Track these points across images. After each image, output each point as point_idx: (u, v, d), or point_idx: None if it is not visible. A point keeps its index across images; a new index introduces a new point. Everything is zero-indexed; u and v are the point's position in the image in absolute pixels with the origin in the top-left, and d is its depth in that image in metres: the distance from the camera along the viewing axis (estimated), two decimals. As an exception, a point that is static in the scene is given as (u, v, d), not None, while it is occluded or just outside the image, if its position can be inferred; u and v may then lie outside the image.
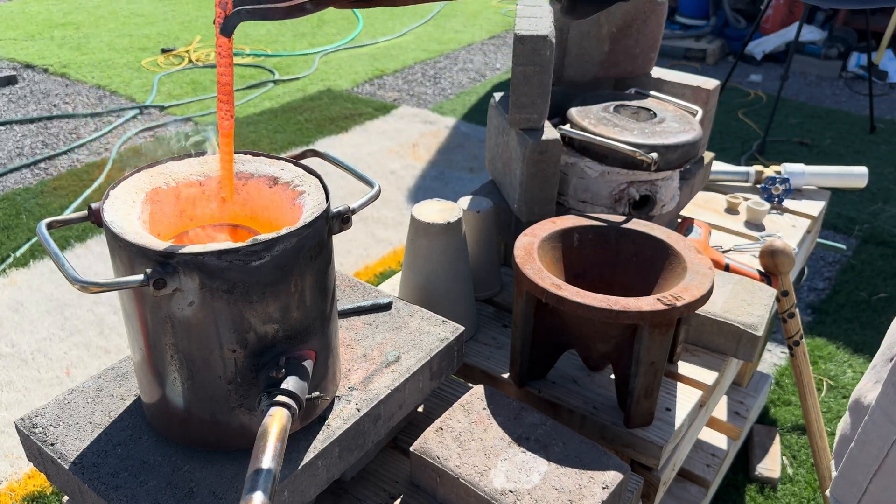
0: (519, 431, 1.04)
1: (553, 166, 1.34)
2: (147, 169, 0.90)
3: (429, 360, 1.03)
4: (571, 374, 1.22)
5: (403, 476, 1.11)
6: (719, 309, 1.29)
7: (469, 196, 1.38)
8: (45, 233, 0.79)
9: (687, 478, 1.68)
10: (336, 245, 0.94)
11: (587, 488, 0.95)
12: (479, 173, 3.52)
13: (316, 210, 0.83)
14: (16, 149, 3.70)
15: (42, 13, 6.01)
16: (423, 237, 1.22)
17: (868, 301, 2.65)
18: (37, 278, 2.66)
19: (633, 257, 1.18)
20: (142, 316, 0.81)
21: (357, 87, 4.65)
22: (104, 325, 2.42)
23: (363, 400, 0.95)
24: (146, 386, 0.88)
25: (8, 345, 2.34)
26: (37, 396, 2.14)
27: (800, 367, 1.67)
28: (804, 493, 1.89)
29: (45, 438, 0.90)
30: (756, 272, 1.48)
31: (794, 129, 4.06)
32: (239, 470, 0.86)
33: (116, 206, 0.82)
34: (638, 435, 1.11)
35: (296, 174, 0.91)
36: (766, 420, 2.13)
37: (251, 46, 5.28)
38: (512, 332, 1.18)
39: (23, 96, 4.35)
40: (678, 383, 1.22)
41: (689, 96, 1.61)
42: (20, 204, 3.16)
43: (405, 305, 1.14)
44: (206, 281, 0.75)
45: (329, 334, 0.90)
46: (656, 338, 1.03)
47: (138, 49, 5.18)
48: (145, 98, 4.32)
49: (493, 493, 0.94)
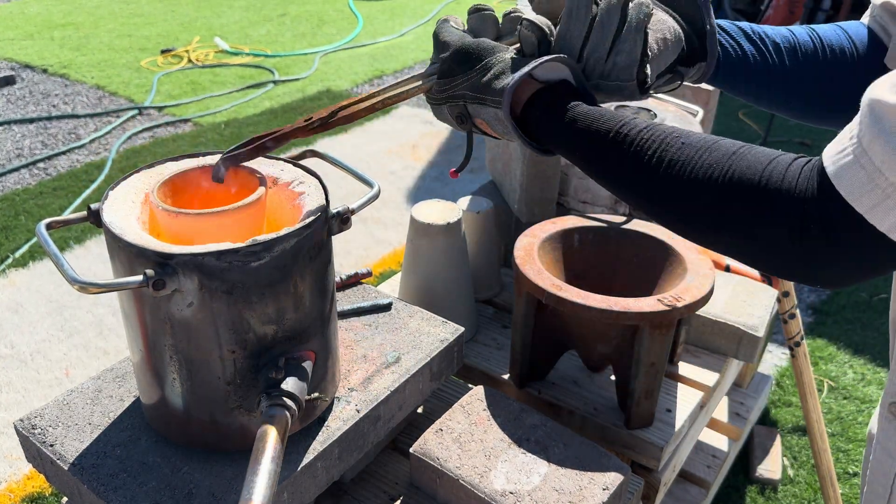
0: (519, 433, 1.03)
1: (553, 167, 1.34)
2: (147, 169, 0.90)
3: (429, 361, 1.03)
4: (572, 375, 1.22)
5: (403, 477, 1.10)
6: (720, 310, 1.28)
7: (469, 197, 1.37)
8: (45, 233, 0.79)
9: (687, 479, 1.68)
10: (336, 245, 0.94)
11: (587, 489, 0.95)
12: (480, 174, 3.52)
13: (315, 210, 0.83)
14: (15, 149, 3.70)
15: (41, 13, 6.02)
16: (423, 238, 1.21)
17: (869, 302, 2.65)
18: (36, 279, 2.66)
19: (633, 258, 1.17)
20: (141, 317, 0.80)
21: (357, 87, 4.65)
22: (103, 326, 2.42)
23: (363, 401, 0.95)
24: (145, 387, 0.88)
25: (7, 346, 2.34)
26: (36, 397, 2.13)
27: (800, 368, 1.66)
28: (805, 494, 1.89)
29: (45, 439, 0.90)
30: (757, 273, 1.48)
31: (795, 129, 4.06)
32: (238, 471, 0.85)
33: (116, 206, 0.82)
34: (638, 436, 1.11)
35: (295, 174, 0.91)
36: (766, 421, 2.13)
37: (251, 46, 5.28)
38: (512, 333, 1.18)
39: (22, 97, 4.35)
40: (679, 384, 1.22)
41: (690, 96, 1.61)
42: (19, 204, 3.16)
43: (405, 306, 1.14)
44: (206, 282, 0.75)
45: (328, 335, 0.90)
46: (657, 339, 1.03)
47: (138, 49, 5.18)
48: (144, 98, 4.32)
49: (493, 495, 0.94)
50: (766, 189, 0.55)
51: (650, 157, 0.62)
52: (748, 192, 0.56)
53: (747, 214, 0.56)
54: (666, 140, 0.62)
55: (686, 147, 0.61)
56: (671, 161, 0.61)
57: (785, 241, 0.54)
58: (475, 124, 0.76)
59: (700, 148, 0.60)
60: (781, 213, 0.54)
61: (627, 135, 0.64)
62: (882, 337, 2.47)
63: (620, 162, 0.65)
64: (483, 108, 0.73)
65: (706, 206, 0.59)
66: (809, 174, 0.54)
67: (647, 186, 0.63)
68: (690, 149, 0.60)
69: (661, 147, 0.62)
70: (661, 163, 0.61)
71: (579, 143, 0.68)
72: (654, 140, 0.62)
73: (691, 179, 0.59)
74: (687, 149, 0.60)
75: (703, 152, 0.60)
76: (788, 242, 0.54)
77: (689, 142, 0.61)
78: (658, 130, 0.63)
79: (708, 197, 0.59)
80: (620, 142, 0.64)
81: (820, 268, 0.55)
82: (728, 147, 0.59)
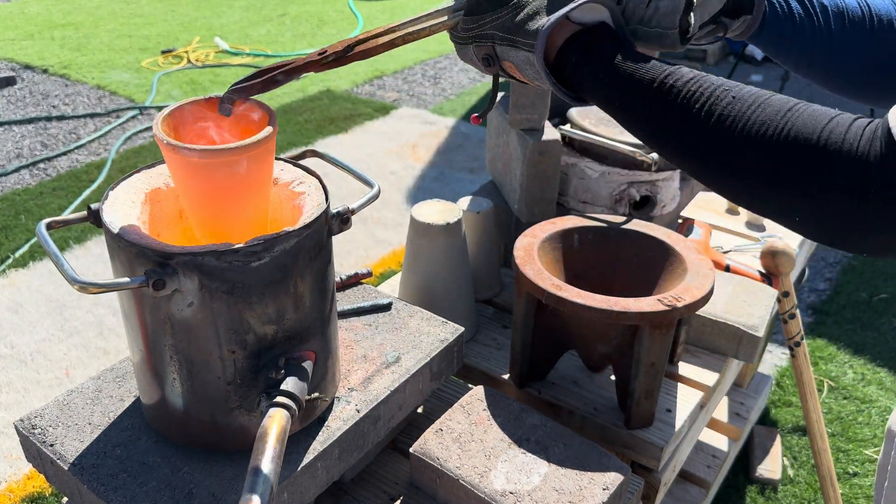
0: (519, 433, 1.03)
1: (553, 167, 1.34)
2: (147, 169, 0.90)
3: (429, 360, 1.03)
4: (572, 375, 1.22)
5: (403, 477, 1.10)
6: (720, 310, 1.28)
7: (469, 197, 1.37)
8: (45, 233, 0.79)
9: (687, 479, 1.68)
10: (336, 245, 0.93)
11: (587, 489, 0.95)
12: (479, 174, 3.52)
13: (315, 210, 0.83)
14: (15, 150, 3.70)
15: (41, 13, 6.01)
16: (423, 238, 1.21)
17: (869, 302, 2.65)
18: (36, 279, 2.66)
19: (633, 258, 1.17)
20: (141, 317, 0.80)
21: (357, 87, 4.65)
22: (103, 327, 2.42)
23: (363, 401, 0.95)
24: (145, 387, 0.88)
25: (7, 346, 2.34)
26: (36, 397, 2.13)
27: (800, 368, 1.66)
28: (805, 494, 1.89)
29: (45, 439, 0.90)
30: (757, 273, 1.48)
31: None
32: (238, 471, 0.85)
33: (116, 206, 0.82)
34: (638, 436, 1.11)
35: (295, 175, 0.91)
36: (766, 421, 2.13)
37: (251, 47, 5.28)
38: (512, 333, 1.18)
39: (22, 97, 4.35)
40: (679, 384, 1.22)
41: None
42: (19, 205, 3.16)
43: (405, 306, 1.14)
44: (206, 282, 0.75)
45: (329, 335, 0.90)
46: (657, 339, 1.03)
47: (138, 49, 5.18)
48: (144, 98, 4.32)
49: (493, 495, 0.94)
50: (826, 149, 0.53)
51: (699, 110, 0.59)
52: (806, 150, 0.54)
53: (804, 174, 0.54)
54: (715, 93, 0.59)
55: (737, 101, 0.58)
56: (721, 115, 0.58)
57: (844, 203, 0.52)
58: (503, 67, 0.71)
59: (752, 103, 0.57)
60: (841, 175, 0.52)
61: (674, 85, 0.61)
62: (882, 337, 2.47)
63: (665, 114, 0.61)
64: (513, 51, 0.68)
65: (759, 162, 0.56)
66: (872, 135, 0.52)
67: (693, 141, 0.60)
68: (742, 103, 0.58)
69: (711, 100, 0.59)
70: (711, 117, 0.58)
71: (619, 92, 0.64)
72: (703, 92, 0.60)
73: (743, 135, 0.57)
74: (738, 103, 0.58)
75: (755, 107, 0.57)
76: (849, 203, 0.52)
77: (740, 95, 0.58)
78: (707, 82, 0.60)
79: (761, 153, 0.56)
80: (666, 92, 0.61)
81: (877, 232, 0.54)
82: (782, 103, 0.57)
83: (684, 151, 0.62)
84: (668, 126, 0.62)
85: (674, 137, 0.62)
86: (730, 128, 0.57)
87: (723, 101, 0.58)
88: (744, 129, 0.57)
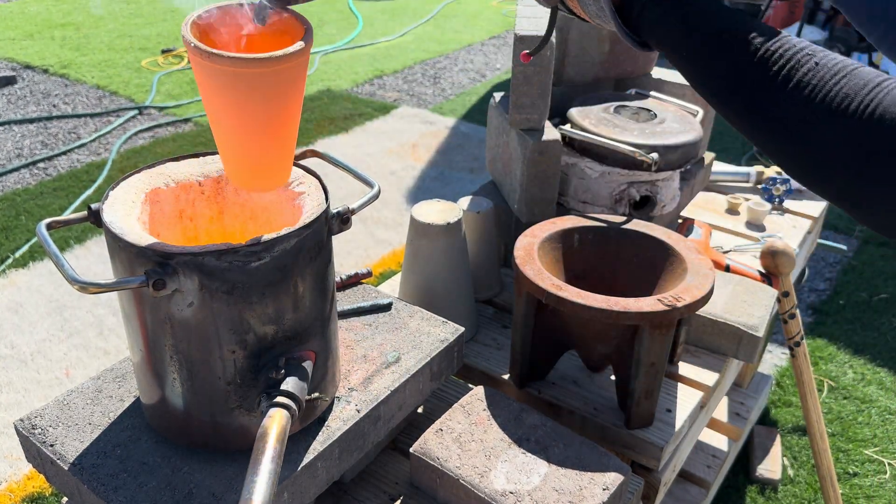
0: (519, 433, 1.03)
1: (553, 167, 1.34)
2: (147, 169, 0.90)
3: (429, 360, 1.03)
4: (572, 375, 1.22)
5: (403, 477, 1.10)
6: (720, 310, 1.28)
7: (469, 197, 1.37)
8: (45, 233, 0.79)
9: (687, 479, 1.68)
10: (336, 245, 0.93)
11: (587, 489, 0.95)
12: (480, 174, 3.52)
13: (315, 210, 0.83)
14: (15, 149, 3.70)
15: (42, 13, 6.01)
16: (423, 238, 1.21)
17: (869, 302, 2.65)
18: (36, 279, 2.66)
19: (633, 258, 1.17)
20: (141, 317, 0.80)
21: (357, 87, 4.64)
22: (103, 327, 2.42)
23: (363, 401, 0.95)
24: (145, 387, 0.88)
25: (7, 346, 2.34)
26: (36, 397, 2.13)
27: (800, 367, 1.66)
28: (805, 494, 1.89)
29: (45, 439, 0.90)
30: (757, 273, 1.48)
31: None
32: (238, 471, 0.85)
33: (116, 206, 0.82)
34: (638, 436, 1.11)
35: (295, 175, 0.91)
36: (766, 421, 2.13)
37: (251, 47, 5.27)
38: (512, 333, 1.18)
39: (22, 97, 4.35)
40: (679, 384, 1.22)
41: (690, 97, 1.61)
42: (19, 205, 3.16)
43: (405, 306, 1.14)
44: (206, 282, 0.75)
45: (329, 335, 0.90)
46: (657, 339, 1.03)
47: (138, 49, 5.18)
48: (145, 98, 4.32)
49: (493, 495, 0.94)
50: None
51: (776, 73, 0.55)
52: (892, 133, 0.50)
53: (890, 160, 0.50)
54: (797, 56, 0.55)
55: (820, 68, 0.54)
56: (800, 82, 0.54)
57: None
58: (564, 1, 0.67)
59: (837, 73, 0.53)
60: None
61: (752, 42, 0.56)
62: (882, 337, 2.47)
63: (737, 71, 0.57)
64: None
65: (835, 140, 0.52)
66: None
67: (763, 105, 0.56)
68: (825, 71, 0.54)
69: (791, 63, 0.55)
70: (789, 81, 0.54)
71: (689, 42, 0.60)
72: (784, 54, 0.55)
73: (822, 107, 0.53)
74: (821, 70, 0.54)
75: (839, 78, 0.53)
76: None
77: (823, 62, 0.54)
78: (789, 43, 0.56)
79: (840, 131, 0.52)
80: (741, 48, 0.57)
81: None
82: (869, 76, 0.53)
83: (750, 114, 0.57)
84: (739, 85, 0.57)
85: (743, 98, 0.57)
86: (809, 96, 0.53)
87: (804, 66, 0.54)
88: (824, 101, 0.53)
